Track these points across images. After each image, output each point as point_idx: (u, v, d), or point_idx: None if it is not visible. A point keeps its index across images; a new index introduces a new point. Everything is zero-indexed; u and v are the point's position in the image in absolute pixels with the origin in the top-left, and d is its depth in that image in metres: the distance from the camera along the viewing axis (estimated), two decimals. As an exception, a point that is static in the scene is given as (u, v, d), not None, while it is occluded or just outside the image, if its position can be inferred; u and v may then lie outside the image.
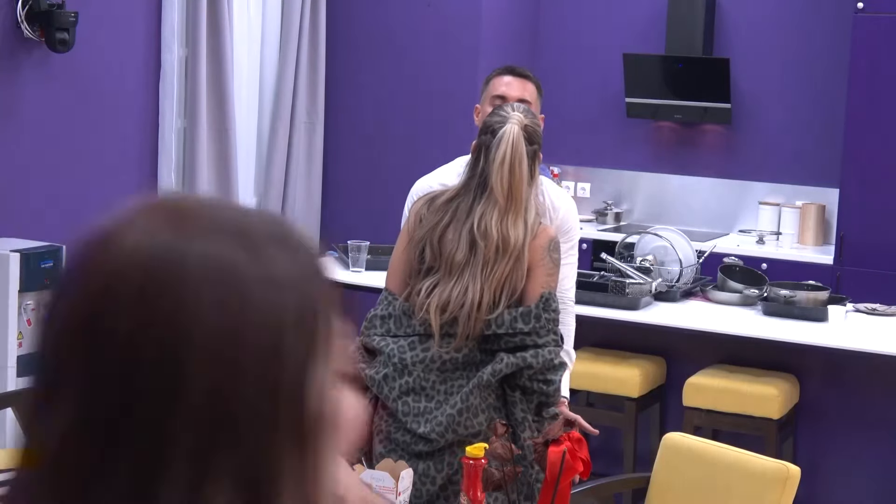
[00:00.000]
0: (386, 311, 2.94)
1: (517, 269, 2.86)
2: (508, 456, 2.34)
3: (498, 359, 2.84)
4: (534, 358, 2.83)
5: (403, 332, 2.89)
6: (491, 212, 2.86)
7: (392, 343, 2.89)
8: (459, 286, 2.83)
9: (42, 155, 5.50)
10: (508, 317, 2.85)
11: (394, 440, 2.84)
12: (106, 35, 5.76)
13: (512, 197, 2.87)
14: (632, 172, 7.06)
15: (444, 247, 2.87)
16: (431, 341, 2.86)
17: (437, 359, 2.85)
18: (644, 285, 4.72)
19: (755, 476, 3.07)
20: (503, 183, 2.86)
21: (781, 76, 6.67)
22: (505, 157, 2.86)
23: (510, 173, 2.86)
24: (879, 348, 4.29)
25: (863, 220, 5.99)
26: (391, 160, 6.94)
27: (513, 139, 2.88)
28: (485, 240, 2.85)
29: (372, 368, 2.90)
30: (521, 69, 3.40)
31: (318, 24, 6.92)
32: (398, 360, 2.87)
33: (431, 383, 2.85)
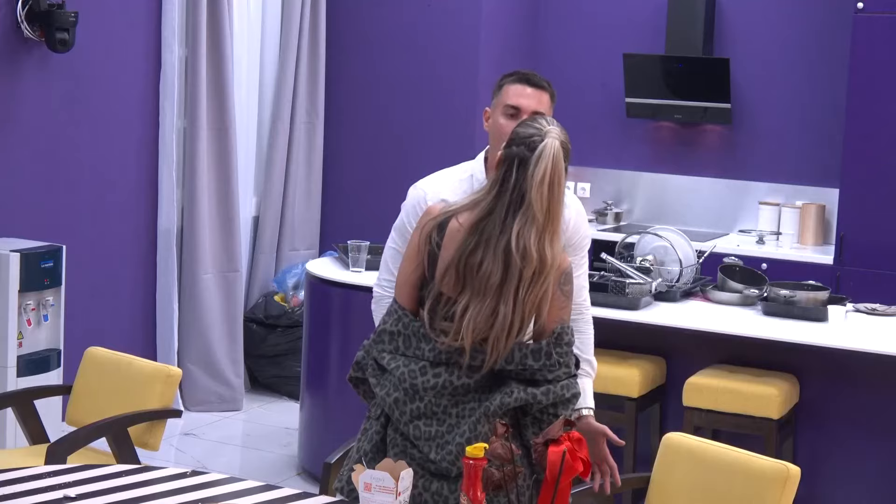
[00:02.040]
0: (396, 327, 2.86)
1: (548, 292, 2.78)
2: (508, 456, 2.33)
3: (507, 391, 2.77)
4: (544, 395, 2.77)
5: (413, 353, 2.82)
6: (529, 229, 2.74)
7: (402, 366, 2.81)
8: (490, 307, 2.74)
9: (42, 155, 5.50)
10: (518, 354, 2.77)
11: (409, 455, 2.80)
12: (106, 35, 5.76)
13: (551, 216, 2.76)
14: (632, 172, 7.06)
15: (475, 268, 2.76)
16: (442, 368, 2.78)
17: (449, 385, 2.78)
18: (644, 285, 4.72)
19: (755, 476, 3.07)
20: (543, 201, 2.74)
21: (781, 76, 6.67)
22: (546, 173, 2.75)
23: (550, 191, 2.75)
24: (879, 348, 4.29)
25: (863, 220, 5.99)
26: (391, 160, 6.94)
27: (553, 156, 2.77)
28: (523, 259, 2.74)
29: (382, 388, 2.85)
30: (538, 78, 3.22)
31: (318, 24, 6.92)
32: (409, 385, 2.80)
33: (443, 408, 2.79)
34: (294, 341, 6.45)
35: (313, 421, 5.29)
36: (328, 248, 6.79)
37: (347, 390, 5.14)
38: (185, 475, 2.94)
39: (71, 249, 5.37)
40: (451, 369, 2.78)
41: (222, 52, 6.22)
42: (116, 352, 4.21)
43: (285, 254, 6.92)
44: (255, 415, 6.35)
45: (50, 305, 5.08)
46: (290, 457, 5.61)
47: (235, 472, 5.33)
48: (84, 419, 3.98)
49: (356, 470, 2.55)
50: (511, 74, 3.21)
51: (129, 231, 6.03)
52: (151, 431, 3.94)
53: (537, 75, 3.20)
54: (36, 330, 5.06)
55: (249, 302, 6.76)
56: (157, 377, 3.99)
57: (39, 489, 2.78)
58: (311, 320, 5.28)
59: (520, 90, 3.14)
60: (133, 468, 3.02)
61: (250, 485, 2.91)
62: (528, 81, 3.16)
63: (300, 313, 6.44)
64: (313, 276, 5.26)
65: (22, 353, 4.98)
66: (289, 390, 6.54)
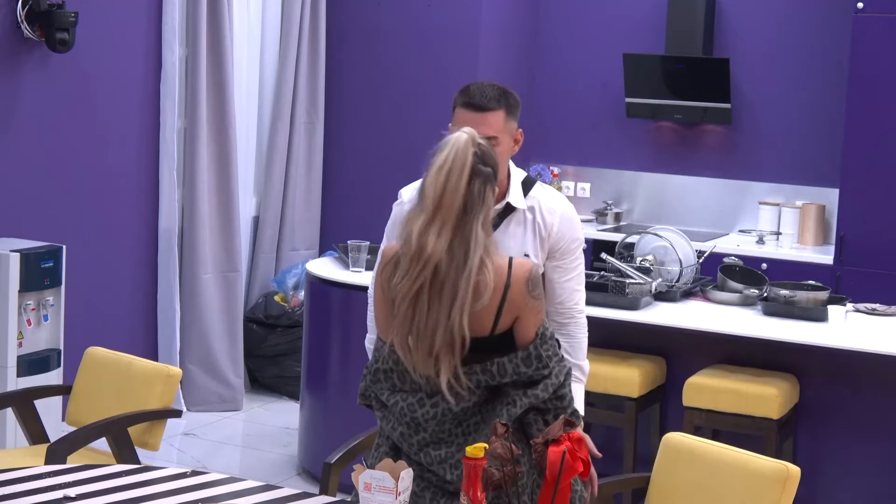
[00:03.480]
0: (387, 364, 2.80)
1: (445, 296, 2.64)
2: (508, 456, 2.33)
3: (510, 401, 2.75)
4: (544, 391, 2.76)
5: (409, 387, 2.78)
6: (417, 217, 2.65)
7: (401, 401, 2.78)
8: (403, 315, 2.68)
9: (42, 155, 5.50)
10: (510, 365, 2.74)
11: (426, 479, 2.79)
12: (106, 35, 5.76)
13: (442, 206, 2.63)
14: (632, 172, 7.06)
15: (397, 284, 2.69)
16: (438, 397, 2.74)
17: (448, 413, 2.74)
18: (644, 285, 4.72)
19: (755, 476, 3.07)
20: (436, 188, 2.63)
21: (781, 76, 6.67)
22: (445, 161, 2.64)
23: (446, 180, 2.62)
24: (879, 348, 4.29)
25: (863, 220, 5.99)
26: (391, 160, 6.94)
27: (458, 147, 2.65)
28: (403, 246, 2.67)
29: (388, 423, 2.82)
30: (482, 97, 3.02)
31: (318, 24, 6.92)
32: (410, 418, 2.76)
33: (448, 432, 2.76)
34: (294, 341, 6.45)
35: (313, 421, 5.29)
36: (328, 248, 6.79)
37: (347, 390, 5.16)
38: (185, 475, 2.94)
39: (71, 249, 5.37)
40: (446, 398, 2.73)
41: (222, 52, 6.22)
42: (116, 352, 4.21)
43: (285, 254, 6.92)
44: (255, 415, 6.35)
45: (50, 305, 5.08)
46: (290, 457, 5.61)
47: (235, 472, 5.33)
48: (84, 419, 3.98)
49: (356, 470, 2.55)
50: (463, 94, 3.10)
51: (129, 231, 6.03)
52: (151, 431, 3.94)
53: (487, 95, 3.03)
54: (36, 330, 5.06)
55: (249, 302, 6.76)
56: (157, 377, 3.99)
57: (39, 489, 2.78)
58: (311, 320, 5.28)
59: (465, 117, 3.01)
60: (133, 468, 3.02)
61: (250, 485, 2.91)
62: (472, 106, 3.02)
63: (300, 313, 6.44)
64: (313, 276, 5.26)
65: (22, 353, 4.98)
66: (289, 390, 6.54)
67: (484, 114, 3.03)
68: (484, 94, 3.03)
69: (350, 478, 2.61)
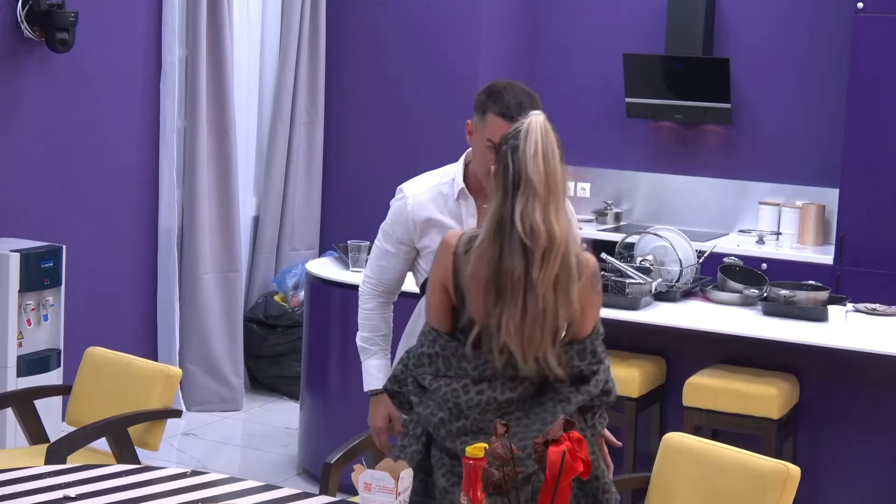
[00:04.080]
0: (433, 349, 2.82)
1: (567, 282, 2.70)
2: (508, 456, 2.33)
3: (563, 398, 2.79)
4: (595, 387, 2.81)
5: (454, 372, 2.79)
6: (532, 206, 2.67)
7: (445, 385, 2.79)
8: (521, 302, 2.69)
9: (42, 155, 5.50)
10: (565, 357, 2.78)
11: (457, 472, 2.76)
12: (106, 35, 5.76)
13: (550, 187, 2.67)
14: (632, 172, 7.06)
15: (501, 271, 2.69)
16: (485, 384, 2.76)
17: (493, 401, 2.77)
18: (644, 285, 4.72)
19: (755, 476, 3.07)
20: (540, 173, 2.66)
21: (781, 76, 6.67)
22: (537, 145, 2.67)
23: (545, 162, 2.67)
24: (879, 348, 4.29)
25: (863, 220, 5.99)
26: (391, 160, 6.94)
27: (541, 128, 2.70)
28: (531, 239, 2.67)
29: (426, 408, 2.82)
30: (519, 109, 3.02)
31: (318, 24, 6.92)
32: (453, 404, 2.77)
33: (488, 424, 2.74)
34: (294, 341, 6.45)
35: (313, 421, 5.29)
36: (328, 248, 6.79)
37: (347, 390, 5.16)
38: (185, 475, 2.94)
39: (71, 249, 5.37)
40: (493, 385, 2.77)
41: (222, 52, 6.22)
42: (116, 352, 4.21)
43: (285, 254, 6.92)
44: (255, 415, 6.35)
45: (50, 305, 5.08)
46: (290, 457, 5.61)
47: (235, 472, 5.33)
48: (84, 419, 3.98)
49: (356, 470, 2.55)
50: (497, 100, 3.10)
51: (129, 231, 6.03)
52: (151, 431, 3.94)
53: (523, 105, 3.04)
54: (36, 330, 5.06)
55: (249, 302, 6.76)
56: (157, 377, 3.99)
57: (39, 489, 2.78)
58: (311, 320, 5.28)
59: (503, 128, 2.98)
60: (133, 468, 3.02)
61: (250, 485, 2.91)
62: (511, 118, 3.00)
63: (300, 313, 6.44)
64: (313, 276, 5.26)
65: (22, 353, 4.98)
66: (289, 390, 6.54)
67: None
68: (521, 105, 3.04)
69: (350, 478, 2.62)
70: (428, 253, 3.27)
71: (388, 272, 3.38)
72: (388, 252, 3.36)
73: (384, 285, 3.40)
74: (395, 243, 3.34)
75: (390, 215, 3.34)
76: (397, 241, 3.33)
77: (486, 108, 3.11)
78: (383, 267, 3.38)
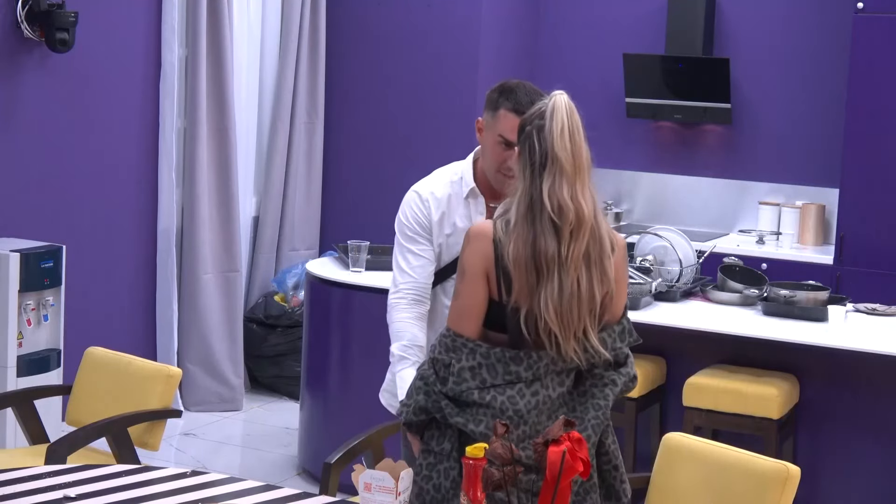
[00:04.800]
0: (472, 360, 2.72)
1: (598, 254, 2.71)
2: (508, 456, 2.33)
3: (608, 381, 2.77)
4: (632, 368, 2.83)
5: (502, 379, 2.71)
6: (560, 184, 2.68)
7: (499, 395, 2.71)
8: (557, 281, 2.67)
9: (42, 155, 5.50)
10: (609, 339, 2.77)
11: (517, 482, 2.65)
12: (106, 35, 5.76)
13: (577, 165, 2.69)
14: (632, 172, 7.06)
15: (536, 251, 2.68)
16: (538, 384, 2.72)
17: (548, 400, 2.73)
18: (644, 285, 4.72)
19: (755, 476, 3.06)
20: (567, 150, 2.68)
21: (781, 76, 6.67)
22: (563, 125, 2.70)
23: (571, 139, 2.69)
24: (879, 348, 4.29)
25: (863, 220, 5.99)
26: (391, 160, 6.94)
27: (566, 107, 2.73)
28: (560, 216, 2.67)
29: (478, 424, 2.71)
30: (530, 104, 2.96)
31: (318, 24, 6.92)
32: (512, 412, 2.70)
33: (543, 425, 2.72)
34: (294, 341, 6.45)
35: (313, 421, 5.29)
36: (328, 248, 6.79)
37: (347, 390, 5.16)
38: (185, 475, 2.94)
39: (71, 249, 5.37)
40: (545, 383, 2.74)
41: (222, 52, 6.22)
42: (116, 352, 4.20)
43: (285, 254, 6.92)
44: (255, 415, 6.35)
45: (50, 305, 5.08)
46: (290, 457, 5.61)
47: (235, 472, 5.33)
48: (84, 419, 3.98)
49: (356, 470, 2.55)
50: (509, 97, 3.08)
51: (129, 231, 6.03)
52: (151, 431, 3.94)
53: (534, 100, 3.01)
54: (36, 330, 5.06)
55: (249, 302, 6.76)
56: (157, 377, 3.99)
57: (39, 489, 2.78)
58: (311, 320, 5.28)
59: (513, 122, 2.99)
60: (133, 468, 3.02)
61: (250, 485, 2.91)
62: (522, 115, 2.96)
63: (300, 313, 6.44)
64: (313, 276, 5.26)
65: (22, 353, 4.98)
66: (289, 390, 6.54)
67: None
68: (533, 103, 3.00)
69: (350, 478, 2.62)
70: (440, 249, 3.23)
71: (421, 272, 3.22)
72: (415, 252, 3.22)
73: (421, 288, 3.22)
74: (422, 240, 3.21)
75: (407, 214, 3.23)
76: (422, 236, 3.22)
77: (497, 105, 3.10)
78: (415, 269, 3.21)
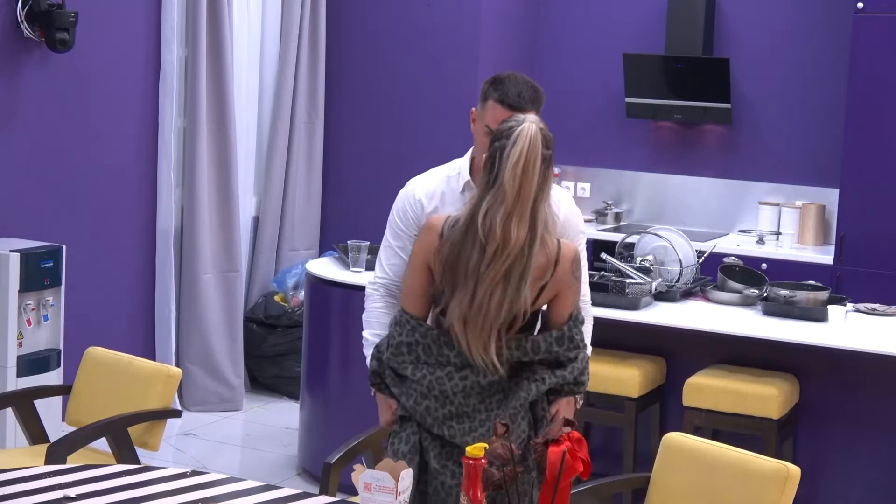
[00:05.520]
0: (412, 337, 2.95)
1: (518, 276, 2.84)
2: (508, 456, 2.34)
3: (539, 378, 2.94)
4: (570, 374, 2.97)
5: (435, 360, 2.92)
6: (497, 208, 2.82)
7: (429, 374, 2.92)
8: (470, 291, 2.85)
9: (42, 155, 5.50)
10: (544, 343, 2.93)
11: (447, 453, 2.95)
12: (106, 35, 5.76)
13: (521, 197, 2.83)
14: (632, 172, 7.06)
15: (462, 258, 2.86)
16: (468, 370, 2.91)
17: (476, 385, 2.91)
18: (644, 285, 4.72)
19: (755, 476, 3.07)
20: (515, 181, 2.82)
21: (781, 76, 6.67)
22: (521, 155, 2.82)
23: (524, 173, 2.82)
24: (879, 348, 4.29)
25: (863, 220, 5.99)
26: (391, 160, 6.94)
27: (530, 138, 2.83)
28: (487, 237, 2.83)
29: (409, 398, 2.95)
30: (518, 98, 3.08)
31: (318, 24, 6.92)
32: (438, 391, 2.92)
33: (472, 407, 2.92)
34: (294, 341, 6.45)
35: (313, 421, 5.29)
36: (328, 248, 6.79)
37: (347, 390, 5.16)
38: (185, 475, 2.94)
39: (71, 249, 5.37)
40: (475, 369, 2.90)
41: (222, 52, 6.22)
42: (116, 352, 4.21)
43: (285, 254, 6.92)
44: (255, 415, 6.35)
45: (50, 305, 5.08)
46: (290, 457, 5.61)
47: (235, 472, 5.33)
48: (84, 419, 3.98)
49: (356, 470, 2.55)
50: (497, 88, 3.12)
51: (129, 231, 6.03)
52: (151, 431, 3.94)
53: (522, 94, 3.09)
54: (36, 330, 5.06)
55: (249, 302, 6.76)
56: (157, 377, 3.99)
57: (39, 489, 2.78)
58: (311, 320, 5.28)
59: (500, 115, 3.06)
60: (133, 468, 3.02)
61: (250, 485, 2.91)
62: (509, 106, 3.06)
63: (300, 313, 6.44)
64: (313, 276, 5.26)
65: (22, 353, 4.98)
66: (289, 390, 6.54)
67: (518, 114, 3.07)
68: (521, 96, 3.08)
69: (350, 478, 2.62)
70: None
71: (396, 270, 3.26)
72: (397, 250, 3.26)
73: (393, 286, 3.28)
74: (405, 238, 3.24)
75: (397, 209, 3.27)
76: (405, 234, 3.24)
77: (487, 96, 3.15)
78: (391, 266, 3.27)
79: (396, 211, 3.27)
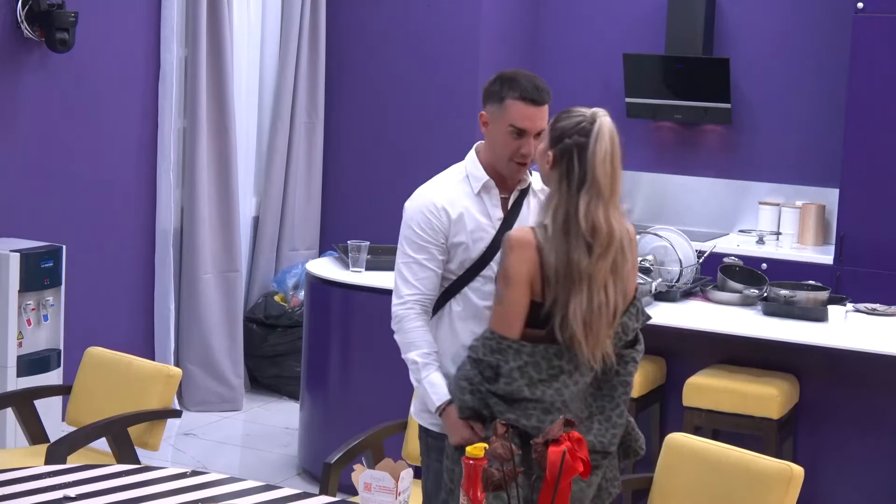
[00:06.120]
0: (519, 360, 2.91)
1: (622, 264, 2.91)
2: (508, 456, 2.33)
3: (629, 358, 3.00)
4: (642, 343, 3.05)
5: (546, 374, 2.91)
6: (596, 205, 2.87)
7: (547, 389, 2.91)
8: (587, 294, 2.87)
9: (42, 155, 5.50)
10: (630, 322, 2.98)
11: None
12: (106, 35, 5.76)
13: (614, 190, 2.90)
14: (632, 172, 7.05)
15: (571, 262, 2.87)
16: (577, 373, 2.92)
17: (585, 385, 2.95)
18: (644, 285, 4.72)
19: (758, 476, 3.06)
20: (607, 175, 2.88)
21: (781, 76, 6.67)
22: (606, 151, 2.90)
23: (612, 166, 2.90)
24: (879, 348, 4.29)
25: (863, 220, 5.99)
26: (391, 160, 6.93)
27: (611, 131, 2.95)
28: (593, 235, 2.87)
29: (530, 418, 2.91)
30: (540, 93, 3.08)
31: (318, 24, 6.92)
32: (560, 403, 2.92)
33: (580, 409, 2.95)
34: (294, 341, 6.45)
35: (313, 421, 5.29)
36: (328, 248, 6.78)
37: (347, 390, 5.16)
38: (185, 475, 2.94)
39: (71, 249, 5.37)
40: (581, 370, 2.93)
41: (222, 52, 6.21)
42: (116, 352, 4.21)
43: (285, 254, 6.92)
44: (255, 415, 6.35)
45: (50, 305, 5.08)
46: (290, 457, 5.61)
47: (235, 472, 5.32)
48: (84, 419, 3.98)
49: (356, 470, 2.55)
50: (513, 86, 3.06)
51: (128, 231, 6.02)
52: (151, 431, 3.94)
53: (539, 87, 3.08)
54: (36, 330, 5.06)
55: (249, 302, 6.76)
56: (157, 377, 3.99)
57: (39, 489, 2.78)
58: (311, 320, 5.28)
59: (525, 112, 3.04)
60: (133, 468, 3.02)
61: (250, 485, 2.91)
62: (532, 101, 3.05)
63: (300, 313, 6.44)
64: (313, 276, 5.26)
65: (22, 353, 4.98)
66: (289, 390, 6.54)
67: (541, 108, 3.11)
68: (538, 88, 3.10)
69: (350, 478, 2.62)
70: (462, 250, 3.10)
71: (428, 283, 3.11)
72: (424, 262, 3.10)
73: (428, 300, 3.12)
74: (432, 248, 3.10)
75: (417, 221, 3.11)
76: (433, 245, 3.10)
77: (503, 96, 3.08)
78: (422, 280, 3.10)
79: (417, 224, 3.10)
